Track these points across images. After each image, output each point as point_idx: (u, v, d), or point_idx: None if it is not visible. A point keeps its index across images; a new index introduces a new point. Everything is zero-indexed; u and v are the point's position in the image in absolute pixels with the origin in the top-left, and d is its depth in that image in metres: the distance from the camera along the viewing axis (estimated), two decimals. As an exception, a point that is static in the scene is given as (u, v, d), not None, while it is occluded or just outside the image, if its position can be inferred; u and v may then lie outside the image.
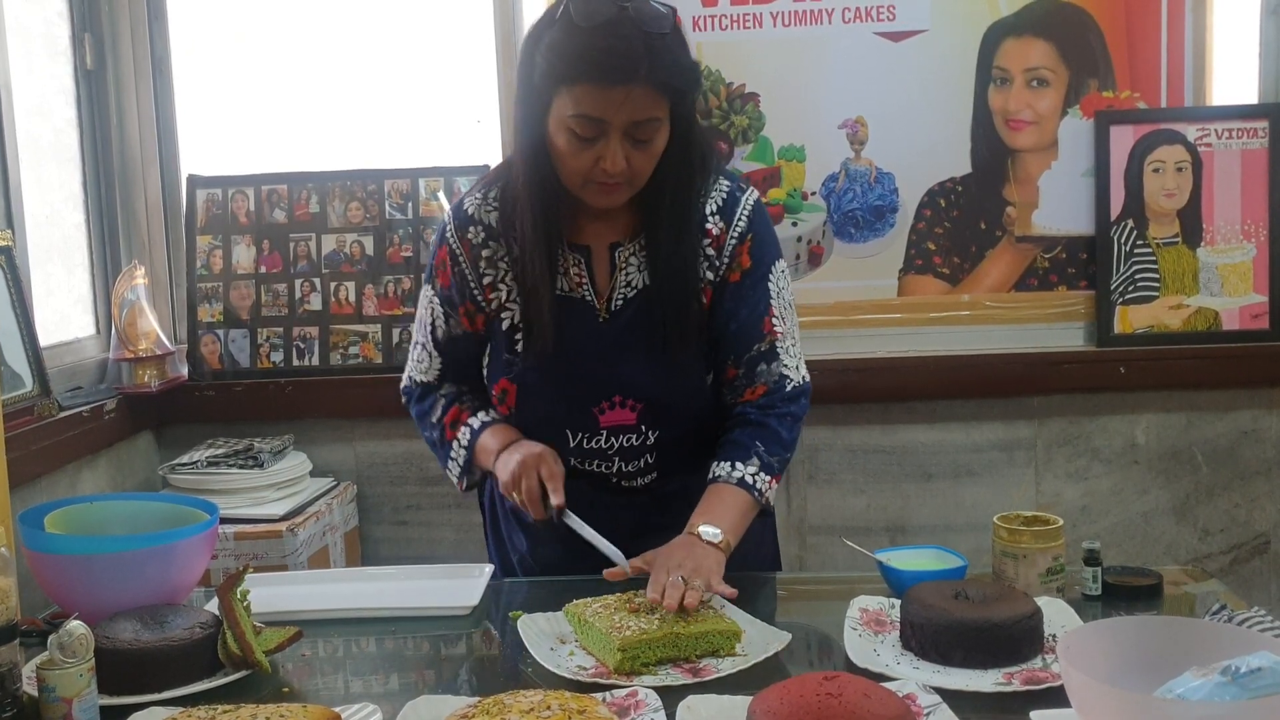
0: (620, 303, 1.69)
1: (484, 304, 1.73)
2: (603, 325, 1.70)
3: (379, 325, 2.73)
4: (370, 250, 2.75)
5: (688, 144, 1.63)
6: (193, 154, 2.84)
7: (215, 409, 2.72)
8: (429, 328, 1.79)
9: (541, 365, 1.69)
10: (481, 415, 1.80)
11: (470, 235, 1.72)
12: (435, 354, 1.81)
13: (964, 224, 2.69)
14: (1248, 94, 2.67)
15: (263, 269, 2.77)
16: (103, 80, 2.74)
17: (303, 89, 2.84)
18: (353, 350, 2.74)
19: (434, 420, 1.82)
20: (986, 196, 2.68)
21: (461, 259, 1.72)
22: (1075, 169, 2.66)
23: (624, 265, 1.69)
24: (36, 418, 2.24)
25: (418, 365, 1.84)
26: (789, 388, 1.73)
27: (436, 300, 1.77)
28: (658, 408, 1.71)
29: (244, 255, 2.77)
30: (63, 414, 2.32)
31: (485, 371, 1.82)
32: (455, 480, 1.84)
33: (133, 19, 2.76)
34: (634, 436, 1.73)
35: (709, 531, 1.59)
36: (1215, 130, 2.62)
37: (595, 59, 1.49)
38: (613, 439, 1.73)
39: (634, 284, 1.69)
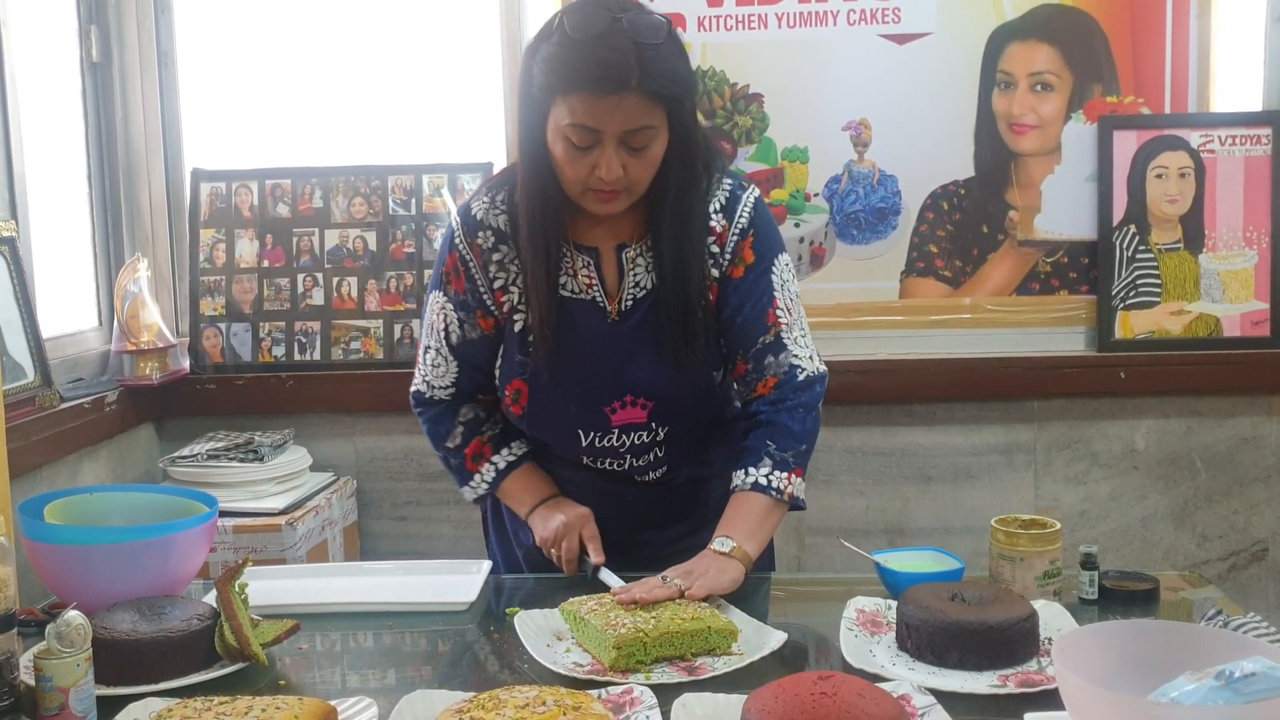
0: (630, 303, 1.71)
1: (494, 308, 1.74)
2: (613, 326, 1.71)
3: (381, 321, 2.74)
4: (373, 246, 2.75)
5: (688, 148, 1.65)
6: (197, 147, 2.85)
7: (216, 402, 2.72)
8: (442, 334, 1.78)
9: (553, 366, 1.71)
10: (504, 452, 1.83)
11: (480, 240, 1.73)
12: (451, 359, 1.79)
13: (966, 227, 2.69)
14: (1251, 101, 2.67)
15: (265, 263, 2.77)
16: (108, 73, 2.74)
17: (307, 84, 2.84)
18: (354, 345, 2.74)
19: (451, 446, 1.84)
20: (989, 200, 2.68)
21: (472, 264, 1.73)
22: (1078, 174, 2.66)
23: (631, 266, 1.72)
24: (38, 408, 2.24)
25: (433, 371, 1.81)
26: (801, 377, 1.73)
27: (450, 306, 1.76)
28: (668, 405, 1.74)
29: (247, 249, 2.78)
30: (64, 405, 2.33)
31: (498, 373, 1.80)
32: (470, 500, 1.88)
33: (139, 12, 2.77)
34: (644, 434, 1.75)
35: (720, 543, 1.63)
36: (1219, 137, 2.62)
37: (588, 70, 1.52)
38: (624, 436, 1.75)
39: (642, 285, 1.71)
